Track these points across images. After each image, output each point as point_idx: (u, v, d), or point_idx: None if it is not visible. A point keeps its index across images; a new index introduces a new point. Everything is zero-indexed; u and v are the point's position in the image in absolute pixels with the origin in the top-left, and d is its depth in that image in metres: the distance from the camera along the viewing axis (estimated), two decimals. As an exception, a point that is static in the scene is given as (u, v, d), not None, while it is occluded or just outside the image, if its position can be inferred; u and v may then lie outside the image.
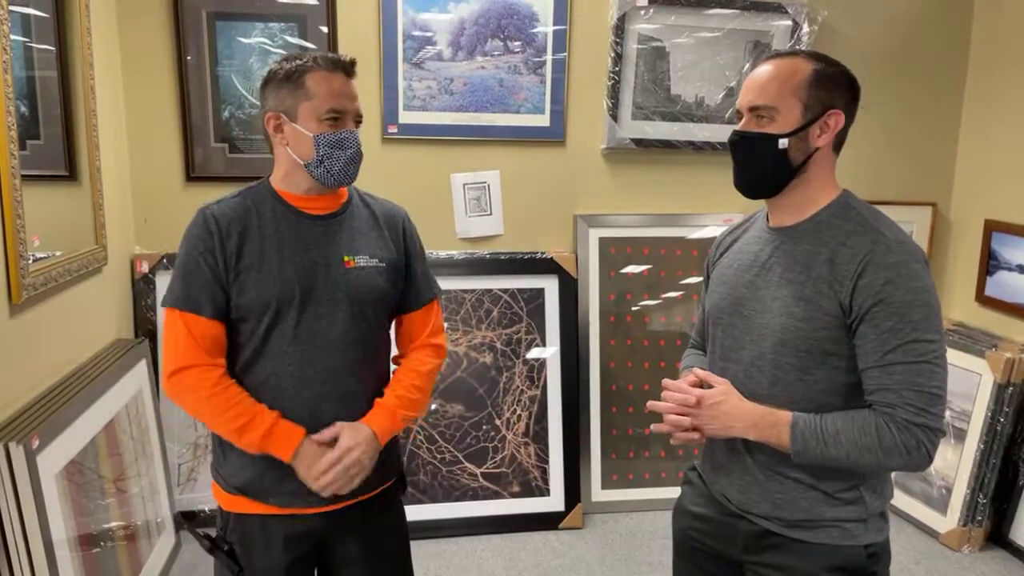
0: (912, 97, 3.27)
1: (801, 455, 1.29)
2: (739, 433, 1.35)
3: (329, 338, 1.53)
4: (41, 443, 1.84)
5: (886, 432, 1.23)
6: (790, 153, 1.34)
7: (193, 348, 1.48)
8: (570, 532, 2.97)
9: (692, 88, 3.09)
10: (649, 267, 3.15)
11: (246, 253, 1.50)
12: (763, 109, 1.34)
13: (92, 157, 2.37)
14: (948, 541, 2.91)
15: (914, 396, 1.23)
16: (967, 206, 3.31)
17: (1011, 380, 2.82)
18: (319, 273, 1.52)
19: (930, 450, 1.25)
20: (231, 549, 1.57)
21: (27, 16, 2.05)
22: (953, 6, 3.24)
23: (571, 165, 3.10)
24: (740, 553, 1.45)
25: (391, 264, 1.60)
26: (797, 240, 1.37)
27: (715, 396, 1.37)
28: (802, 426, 1.29)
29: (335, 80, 1.49)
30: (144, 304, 2.79)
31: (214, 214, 1.52)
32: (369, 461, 1.52)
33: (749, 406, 1.35)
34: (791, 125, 1.33)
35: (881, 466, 1.28)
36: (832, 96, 1.34)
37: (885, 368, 1.25)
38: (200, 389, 1.48)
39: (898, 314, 1.24)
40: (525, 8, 2.94)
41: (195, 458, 2.85)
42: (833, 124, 1.34)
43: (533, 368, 3.04)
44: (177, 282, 1.50)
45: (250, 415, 1.48)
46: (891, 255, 1.27)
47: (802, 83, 1.33)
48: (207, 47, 2.77)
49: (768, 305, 1.37)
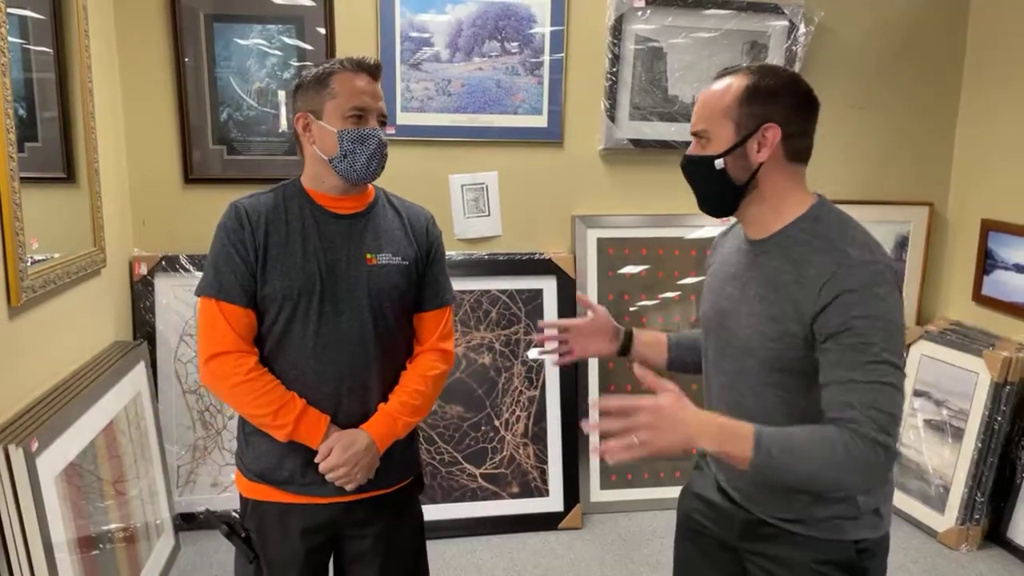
0: (909, 97, 3.28)
1: (760, 469, 1.19)
2: (700, 444, 1.21)
3: (349, 334, 1.57)
4: (40, 445, 1.84)
5: (855, 445, 1.18)
6: (730, 172, 1.33)
7: (230, 334, 1.53)
8: (569, 532, 2.97)
9: (689, 89, 3.10)
10: (647, 267, 3.15)
11: (272, 244, 1.55)
12: (700, 132, 1.36)
13: (90, 159, 2.37)
14: (946, 540, 2.91)
15: (875, 415, 1.20)
16: (964, 206, 3.32)
17: (1008, 379, 2.83)
18: (341, 269, 1.57)
19: (887, 470, 1.23)
20: (248, 536, 1.63)
21: (24, 18, 2.05)
22: (949, 7, 3.25)
23: (569, 166, 3.11)
24: (737, 540, 1.47)
25: (413, 263, 1.64)
26: (768, 255, 1.36)
27: (670, 404, 1.22)
28: (766, 439, 1.20)
29: (360, 80, 1.56)
30: (143, 306, 2.79)
31: (245, 207, 1.58)
32: (364, 470, 1.56)
33: (707, 415, 1.25)
34: (724, 145, 1.33)
35: (840, 483, 1.22)
36: (768, 110, 1.31)
37: (846, 385, 1.22)
38: (235, 375, 1.53)
39: (861, 334, 1.22)
40: (522, 9, 2.94)
41: (194, 460, 2.85)
42: (771, 137, 1.31)
43: (532, 369, 3.04)
44: (210, 271, 1.55)
45: (282, 401, 1.54)
46: (853, 278, 1.24)
47: (732, 102, 1.32)
48: (205, 49, 2.77)
49: (745, 320, 1.37)
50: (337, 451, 1.54)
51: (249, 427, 1.60)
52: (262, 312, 1.56)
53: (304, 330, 1.55)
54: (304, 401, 1.56)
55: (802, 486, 1.27)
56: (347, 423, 1.59)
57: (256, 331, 1.57)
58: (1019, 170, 3.00)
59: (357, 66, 1.56)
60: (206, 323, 1.55)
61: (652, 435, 1.19)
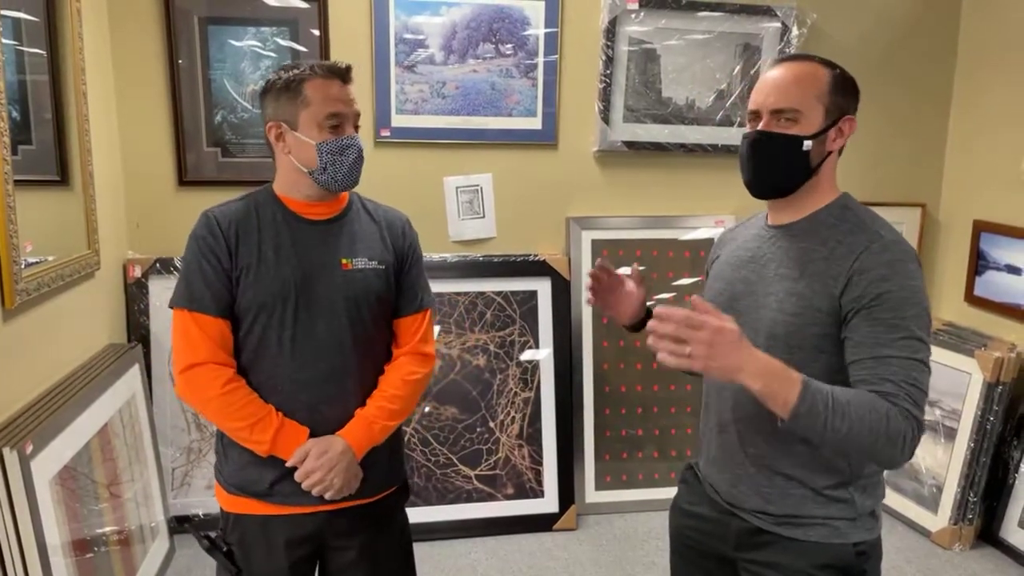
0: (901, 99, 3.29)
1: (800, 419, 1.18)
2: (744, 378, 1.18)
3: (327, 340, 1.54)
4: (35, 449, 1.83)
5: (895, 417, 1.20)
6: (811, 155, 1.36)
7: (204, 345, 1.51)
8: (564, 534, 2.97)
9: (683, 91, 3.11)
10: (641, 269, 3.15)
11: (244, 253, 1.52)
12: (787, 111, 1.36)
13: (84, 162, 2.37)
14: (939, 539, 2.93)
15: (911, 390, 1.23)
16: (956, 207, 3.34)
17: (1000, 379, 2.84)
18: (316, 275, 1.54)
19: (916, 445, 1.25)
20: (230, 550, 1.59)
21: (18, 20, 2.04)
22: (941, 10, 3.27)
23: (563, 168, 3.11)
24: (732, 550, 1.47)
25: (390, 267, 1.62)
26: (794, 237, 1.40)
27: (734, 331, 1.18)
28: (813, 388, 1.19)
29: (333, 86, 1.52)
30: (137, 308, 2.79)
31: (216, 216, 1.55)
32: (341, 476, 1.52)
33: (761, 353, 1.21)
34: (814, 128, 1.36)
35: (872, 452, 1.23)
36: (848, 102, 1.38)
37: (881, 360, 1.25)
38: (211, 388, 1.50)
39: (894, 309, 1.25)
40: (516, 11, 2.95)
41: (189, 462, 2.84)
42: (847, 129, 1.38)
43: (526, 370, 3.05)
44: (183, 282, 1.53)
45: (259, 415, 1.51)
46: (887, 253, 1.29)
47: (824, 88, 1.36)
48: (199, 51, 2.77)
49: (762, 300, 1.39)
50: (312, 456, 1.51)
51: (227, 439, 1.57)
52: (237, 322, 1.54)
53: (280, 338, 1.53)
54: (281, 415, 1.53)
55: (835, 445, 1.25)
56: (326, 432, 1.55)
57: (232, 341, 1.54)
58: (1011, 171, 3.01)
59: (329, 71, 1.53)
60: (180, 335, 1.52)
61: (706, 351, 1.16)
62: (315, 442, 1.53)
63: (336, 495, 1.54)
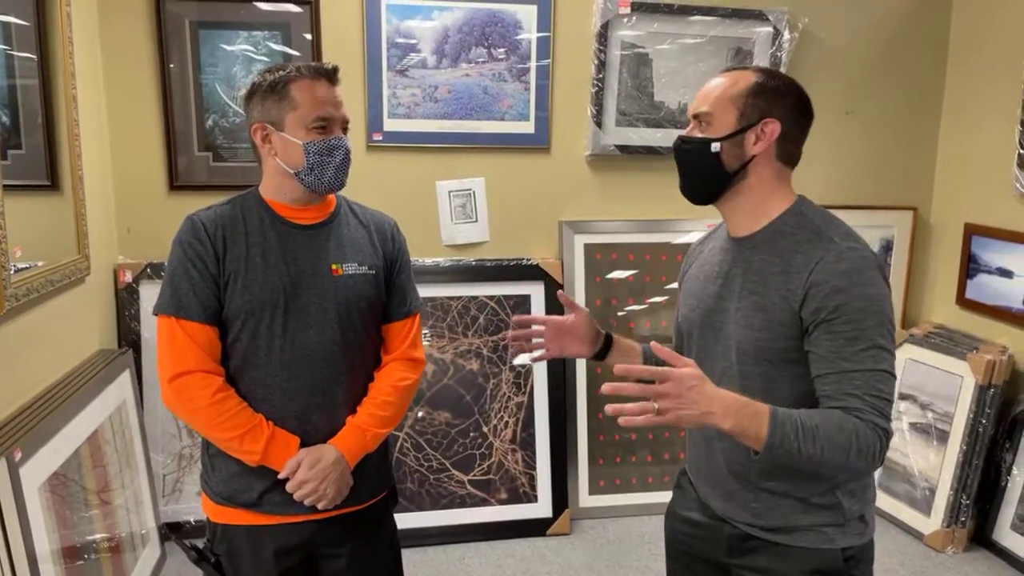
0: (892, 103, 3.30)
1: (774, 449, 1.19)
2: (716, 421, 1.19)
3: (317, 347, 1.52)
4: (24, 455, 1.82)
5: (863, 432, 1.22)
6: (723, 158, 1.36)
7: (192, 353, 1.48)
8: (558, 538, 2.97)
9: (675, 95, 3.11)
10: (634, 272, 3.16)
11: (232, 258, 1.50)
12: (702, 115, 1.38)
13: (74, 166, 2.36)
14: (932, 542, 2.93)
15: (875, 401, 1.24)
16: (947, 210, 3.35)
17: (992, 382, 2.85)
18: (306, 281, 1.52)
19: (886, 452, 1.26)
20: (218, 561, 1.56)
21: (7, 24, 2.03)
22: (931, 14, 3.28)
23: (556, 171, 3.11)
24: (725, 556, 1.47)
25: (380, 272, 1.60)
26: (753, 250, 1.39)
27: (695, 376, 1.18)
28: (781, 417, 1.20)
29: (319, 88, 1.50)
30: (127, 314, 2.77)
31: (202, 220, 1.52)
32: (334, 485, 1.51)
33: (727, 392, 1.22)
34: (724, 130, 1.36)
35: (846, 467, 1.24)
36: (771, 106, 1.35)
37: (844, 375, 1.25)
38: (200, 397, 1.47)
39: (853, 321, 1.25)
40: (509, 15, 2.95)
41: (180, 469, 2.83)
42: (769, 132, 1.35)
43: (520, 375, 3.04)
44: (168, 288, 1.50)
45: (250, 425, 1.48)
46: (842, 262, 1.28)
47: (740, 92, 1.36)
48: (190, 55, 2.76)
49: (732, 316, 1.39)
50: (304, 466, 1.49)
51: (213, 448, 1.55)
52: (225, 329, 1.51)
53: (270, 346, 1.50)
54: (272, 424, 1.51)
55: (809, 468, 1.27)
56: (317, 441, 1.54)
57: (220, 348, 1.52)
58: (1002, 175, 3.02)
59: (316, 72, 1.50)
60: (166, 342, 1.49)
61: (672, 404, 1.17)
62: (307, 452, 1.51)
63: (329, 504, 1.52)
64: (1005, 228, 3.02)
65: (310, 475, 1.49)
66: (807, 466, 1.25)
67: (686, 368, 1.19)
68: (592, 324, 1.64)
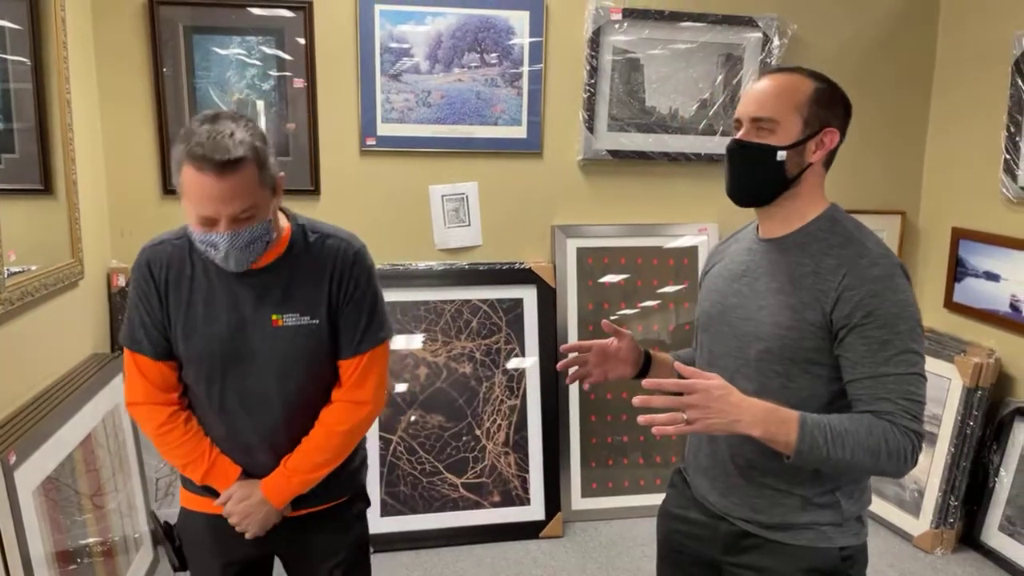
0: (880, 108, 3.33)
1: (804, 455, 1.23)
2: (744, 428, 1.22)
3: (258, 397, 1.53)
4: (18, 459, 1.82)
5: (892, 436, 1.25)
6: (786, 165, 1.37)
7: (141, 386, 1.54)
8: (551, 541, 2.98)
9: (666, 100, 3.14)
10: (626, 276, 3.18)
11: (173, 304, 1.50)
12: (765, 121, 1.37)
13: (68, 171, 2.36)
14: (921, 544, 2.96)
15: (908, 404, 1.27)
16: (935, 214, 3.39)
17: (980, 384, 2.88)
18: (247, 331, 1.49)
19: (918, 456, 1.29)
20: (180, 547, 1.65)
21: (1, 28, 2.04)
22: (919, 20, 3.32)
23: (548, 176, 3.13)
24: (719, 554, 1.48)
25: (323, 320, 1.52)
26: (784, 251, 1.41)
27: (721, 387, 1.23)
28: (811, 424, 1.24)
29: (205, 182, 1.31)
30: (121, 318, 2.77)
31: (149, 260, 1.51)
32: (257, 523, 1.56)
33: (756, 400, 1.25)
34: (790, 138, 1.36)
35: (876, 469, 1.28)
36: (829, 114, 1.38)
37: (878, 379, 1.28)
38: (147, 427, 1.57)
39: (887, 326, 1.28)
40: (501, 21, 2.97)
41: (172, 472, 2.82)
42: (828, 141, 1.38)
43: (512, 378, 3.05)
44: (127, 319, 1.55)
45: (192, 456, 1.56)
46: (875, 267, 1.30)
47: (804, 99, 1.37)
48: (184, 59, 2.76)
49: (754, 314, 1.40)
50: (234, 500, 1.55)
51: None
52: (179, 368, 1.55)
53: (209, 392, 1.52)
54: (217, 452, 1.57)
55: (841, 471, 1.31)
56: (262, 473, 1.57)
57: (175, 378, 1.55)
58: (988, 179, 3.06)
59: (201, 162, 1.30)
60: (126, 370, 1.56)
61: (700, 414, 1.21)
62: (239, 486, 1.56)
63: (251, 537, 1.58)
64: (992, 232, 3.05)
65: (236, 509, 1.55)
66: (837, 469, 1.29)
67: (712, 380, 1.24)
68: (635, 346, 1.67)
